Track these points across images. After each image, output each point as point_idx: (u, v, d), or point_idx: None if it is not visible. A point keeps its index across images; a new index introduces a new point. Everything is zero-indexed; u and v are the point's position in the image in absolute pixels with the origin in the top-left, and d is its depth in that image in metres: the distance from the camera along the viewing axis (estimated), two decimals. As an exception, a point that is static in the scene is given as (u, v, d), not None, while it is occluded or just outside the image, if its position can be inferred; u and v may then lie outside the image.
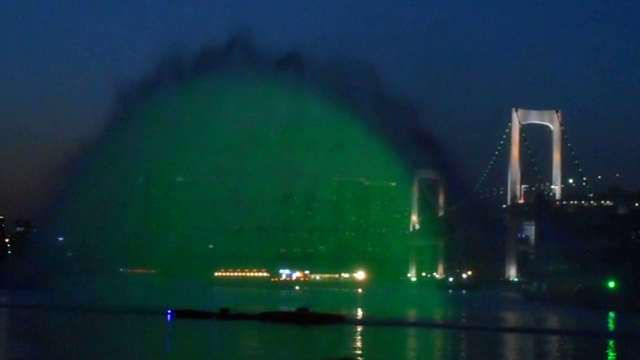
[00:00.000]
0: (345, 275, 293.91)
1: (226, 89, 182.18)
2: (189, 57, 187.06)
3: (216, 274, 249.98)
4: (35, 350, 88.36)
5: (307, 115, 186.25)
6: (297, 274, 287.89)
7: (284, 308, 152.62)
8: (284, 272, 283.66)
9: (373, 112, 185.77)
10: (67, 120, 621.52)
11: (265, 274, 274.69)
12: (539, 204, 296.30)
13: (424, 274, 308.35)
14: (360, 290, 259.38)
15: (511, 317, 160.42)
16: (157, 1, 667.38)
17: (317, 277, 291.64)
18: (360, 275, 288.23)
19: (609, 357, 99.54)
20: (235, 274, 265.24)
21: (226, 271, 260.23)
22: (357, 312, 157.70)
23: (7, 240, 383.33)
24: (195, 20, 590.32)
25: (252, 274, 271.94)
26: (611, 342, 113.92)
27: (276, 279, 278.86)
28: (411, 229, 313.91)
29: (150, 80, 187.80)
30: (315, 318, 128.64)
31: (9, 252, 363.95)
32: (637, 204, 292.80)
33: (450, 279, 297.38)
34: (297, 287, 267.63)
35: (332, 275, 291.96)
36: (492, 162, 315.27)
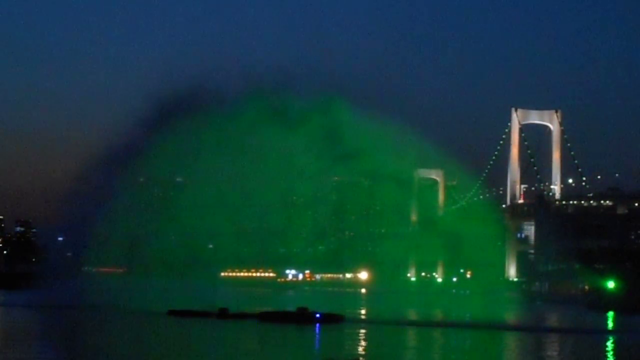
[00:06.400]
0: (349, 275, 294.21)
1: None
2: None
3: (222, 274, 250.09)
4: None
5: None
6: (302, 275, 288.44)
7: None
8: (290, 273, 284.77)
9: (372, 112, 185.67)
10: (68, 120, 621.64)
11: (271, 275, 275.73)
12: (538, 203, 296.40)
13: (423, 274, 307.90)
14: (364, 290, 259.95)
15: (515, 317, 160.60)
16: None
17: (319, 277, 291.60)
18: (363, 275, 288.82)
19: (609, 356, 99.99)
20: (242, 274, 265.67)
21: (232, 271, 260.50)
22: (359, 311, 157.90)
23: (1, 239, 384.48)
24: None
25: (258, 274, 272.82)
26: (610, 341, 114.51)
27: (283, 280, 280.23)
28: (411, 229, 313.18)
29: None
30: (315, 318, 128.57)
31: (5, 251, 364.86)
32: (636, 204, 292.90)
33: (454, 279, 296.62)
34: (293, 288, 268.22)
35: (335, 276, 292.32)
36: (491, 162, 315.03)
